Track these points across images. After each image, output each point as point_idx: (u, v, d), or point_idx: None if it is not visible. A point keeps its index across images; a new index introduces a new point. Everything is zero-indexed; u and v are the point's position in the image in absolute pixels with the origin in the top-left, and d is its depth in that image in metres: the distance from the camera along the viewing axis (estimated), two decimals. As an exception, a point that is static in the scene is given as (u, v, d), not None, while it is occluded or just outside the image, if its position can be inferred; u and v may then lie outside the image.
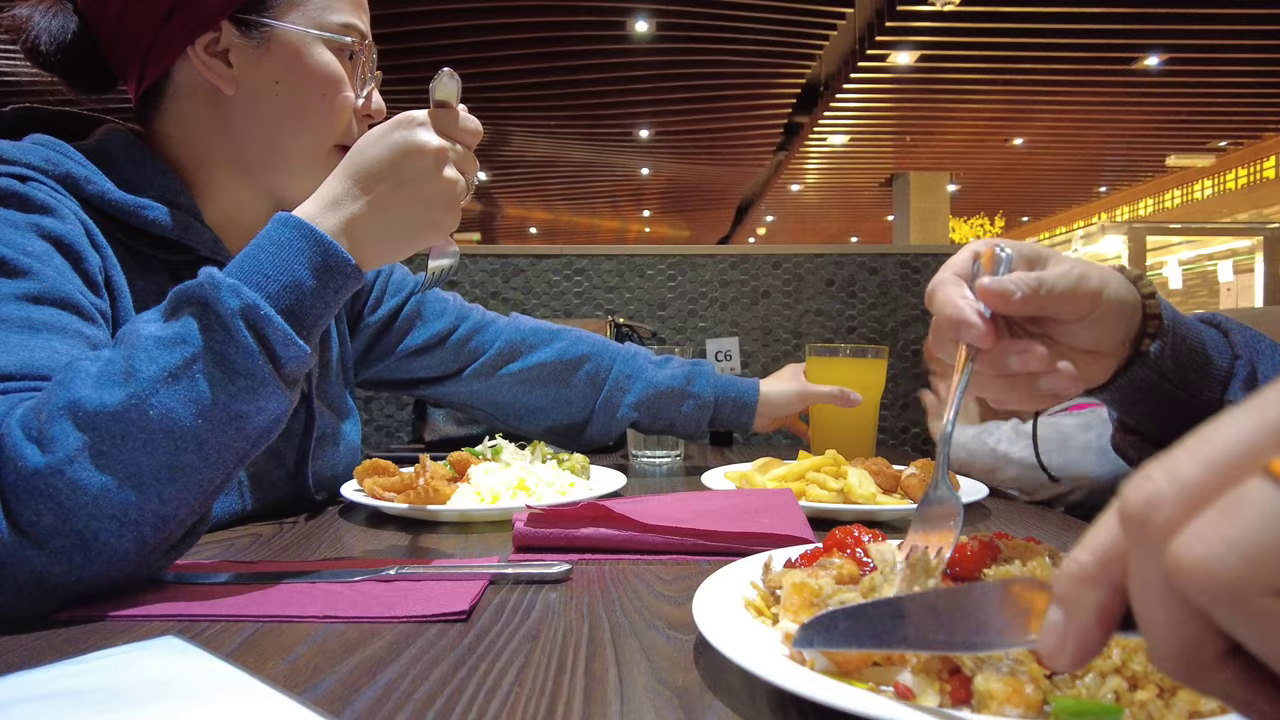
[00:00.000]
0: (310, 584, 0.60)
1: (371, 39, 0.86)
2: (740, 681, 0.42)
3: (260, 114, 0.81)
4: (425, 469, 0.96)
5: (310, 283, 0.60)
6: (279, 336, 0.57)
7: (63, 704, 0.36)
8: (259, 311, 0.56)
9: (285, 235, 0.60)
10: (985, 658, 0.37)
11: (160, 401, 0.54)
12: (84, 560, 0.53)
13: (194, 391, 0.55)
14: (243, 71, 0.79)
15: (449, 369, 1.15)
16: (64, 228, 0.69)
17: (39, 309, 0.64)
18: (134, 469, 0.53)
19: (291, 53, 0.79)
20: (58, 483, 0.52)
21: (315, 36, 0.79)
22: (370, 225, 0.63)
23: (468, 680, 0.43)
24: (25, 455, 0.52)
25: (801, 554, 0.56)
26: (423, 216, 0.64)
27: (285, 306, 0.59)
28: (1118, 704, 0.37)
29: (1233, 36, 6.46)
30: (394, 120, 0.65)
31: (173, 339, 0.55)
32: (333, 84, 0.81)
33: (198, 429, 0.55)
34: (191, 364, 0.55)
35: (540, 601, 0.57)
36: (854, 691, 0.37)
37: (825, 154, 9.92)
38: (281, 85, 0.80)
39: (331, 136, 0.83)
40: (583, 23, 6.40)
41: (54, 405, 0.53)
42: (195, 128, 0.83)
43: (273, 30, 0.78)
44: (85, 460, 0.52)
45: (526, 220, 14.19)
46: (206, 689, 0.38)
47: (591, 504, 0.73)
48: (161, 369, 0.54)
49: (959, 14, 6.14)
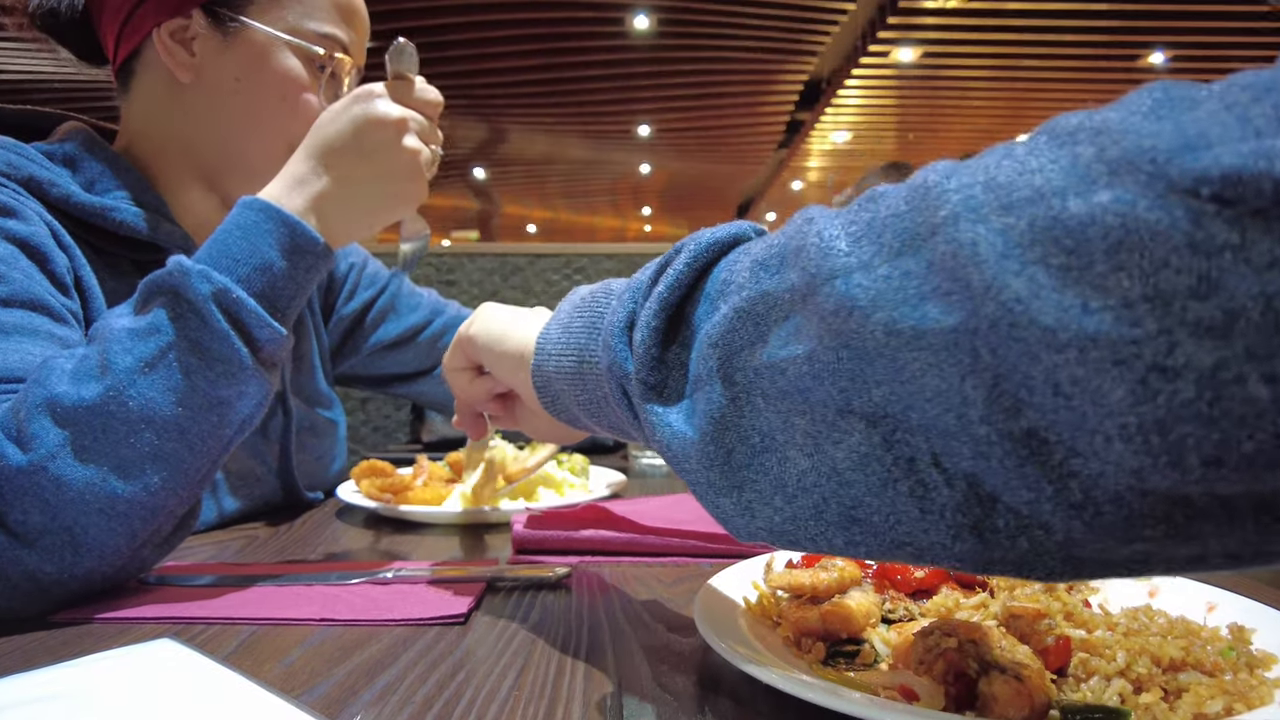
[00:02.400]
0: (307, 586, 0.60)
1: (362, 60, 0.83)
2: (742, 684, 0.42)
3: (216, 109, 0.80)
4: (423, 470, 0.96)
5: (281, 264, 0.60)
6: (253, 319, 0.57)
7: (57, 707, 0.36)
8: (231, 295, 0.56)
9: (251, 218, 0.60)
10: (990, 660, 0.37)
11: (139, 392, 0.54)
12: (75, 557, 0.53)
13: (172, 380, 0.55)
14: (204, 62, 0.78)
15: (423, 365, 1.14)
16: (28, 229, 0.68)
17: (8, 312, 0.63)
18: (117, 461, 0.53)
19: (257, 52, 0.78)
20: (41, 480, 0.52)
21: (286, 41, 0.78)
22: (335, 201, 0.64)
23: (466, 684, 0.42)
24: (6, 455, 0.52)
25: (803, 555, 0.55)
26: (388, 189, 0.66)
27: (257, 289, 0.59)
28: (1123, 706, 0.37)
29: (1238, 33, 6.44)
30: (352, 95, 0.65)
31: (146, 329, 0.55)
32: (294, 87, 0.79)
33: (179, 417, 0.55)
34: (167, 352, 0.55)
35: (539, 604, 0.57)
36: (856, 694, 0.36)
37: (827, 151, 9.91)
38: (241, 83, 0.79)
39: (290, 141, 0.80)
40: (582, 19, 6.38)
41: (31, 403, 0.53)
42: (155, 112, 0.82)
43: (243, 27, 0.77)
44: (67, 455, 0.52)
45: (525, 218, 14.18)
46: (202, 692, 0.38)
47: (591, 506, 0.73)
48: (137, 359, 0.54)
49: (962, 10, 6.12)
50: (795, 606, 0.47)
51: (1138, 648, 0.40)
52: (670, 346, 0.39)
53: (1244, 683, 0.38)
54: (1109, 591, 0.52)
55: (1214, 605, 0.48)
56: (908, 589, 0.49)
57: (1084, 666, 0.39)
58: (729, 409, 0.35)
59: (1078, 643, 0.41)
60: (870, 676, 0.41)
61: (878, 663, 0.43)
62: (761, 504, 0.34)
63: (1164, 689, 0.38)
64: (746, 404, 0.34)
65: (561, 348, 0.47)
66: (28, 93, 6.44)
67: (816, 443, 0.31)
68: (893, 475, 0.29)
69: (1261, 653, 0.41)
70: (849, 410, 0.30)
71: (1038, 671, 0.36)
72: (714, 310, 0.37)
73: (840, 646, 0.44)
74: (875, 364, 0.28)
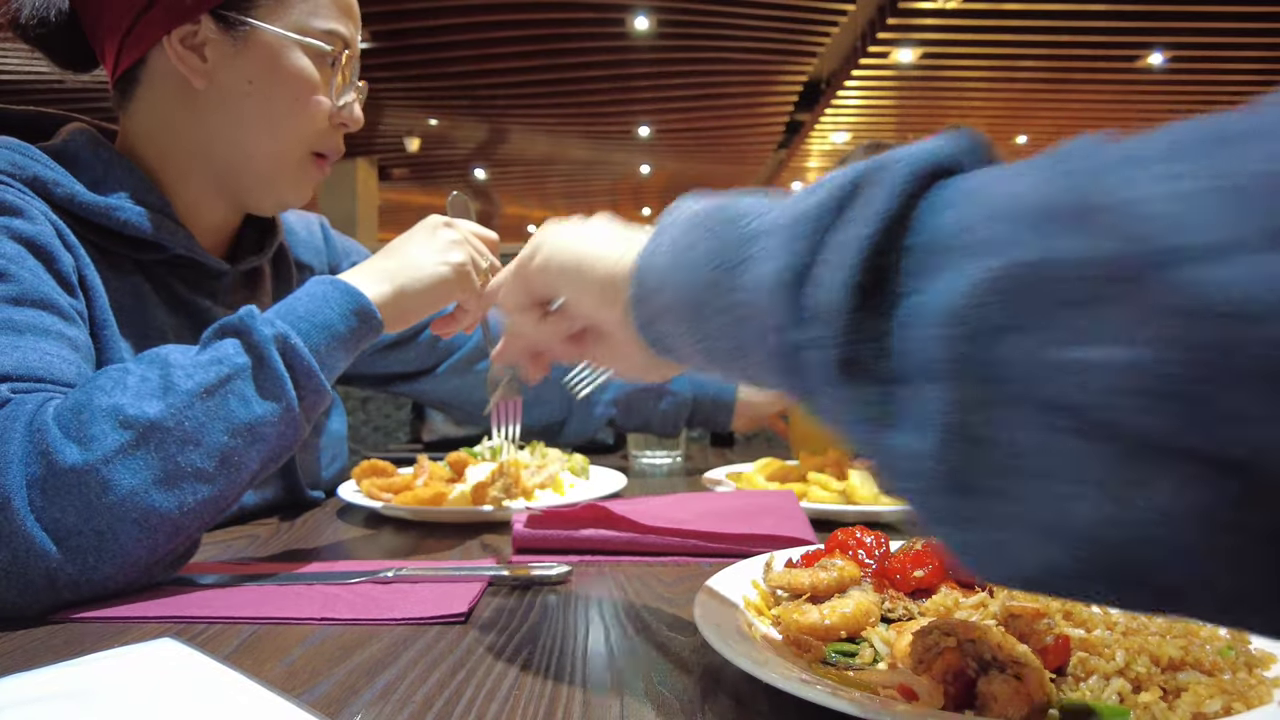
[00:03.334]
0: (308, 586, 0.60)
1: (358, 49, 0.84)
2: (742, 683, 0.42)
3: (230, 112, 0.80)
4: (423, 469, 0.96)
5: (340, 327, 0.66)
6: (304, 369, 0.63)
7: (59, 706, 0.36)
8: (290, 341, 0.62)
9: (319, 288, 0.68)
10: (990, 660, 0.37)
11: (194, 415, 0.57)
12: (97, 561, 0.54)
13: (225, 409, 0.59)
14: (217, 67, 0.78)
15: (424, 365, 1.15)
16: (35, 229, 0.69)
17: (20, 311, 0.64)
18: (163, 476, 0.56)
19: (269, 54, 0.78)
20: (90, 480, 0.53)
21: (295, 41, 0.79)
22: (395, 278, 0.72)
23: (466, 683, 0.42)
24: (63, 452, 0.53)
25: (803, 555, 0.55)
26: (440, 269, 0.73)
27: (314, 345, 0.64)
28: (1122, 705, 0.37)
29: (1237, 35, 6.44)
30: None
31: (210, 360, 0.60)
32: (306, 88, 0.80)
33: (224, 445, 0.58)
34: (226, 382, 0.59)
35: (540, 603, 0.57)
36: (855, 694, 0.36)
37: (827, 152, 9.90)
38: (255, 86, 0.79)
39: (302, 142, 0.82)
40: (582, 20, 6.38)
41: (96, 407, 0.55)
42: (165, 120, 0.82)
43: (252, 30, 0.78)
44: (121, 462, 0.54)
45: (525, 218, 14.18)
46: (204, 691, 0.38)
47: (591, 505, 0.73)
48: (198, 385, 0.58)
49: (961, 11, 6.12)
50: (795, 606, 0.47)
51: (1136, 647, 0.40)
52: (859, 312, 0.29)
53: (1242, 682, 0.38)
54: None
55: (1213, 605, 0.48)
56: (907, 588, 0.49)
57: (1083, 665, 0.39)
58: (977, 416, 0.25)
59: (1077, 642, 0.41)
60: (869, 676, 0.41)
61: (877, 662, 0.43)
62: (1020, 546, 0.25)
63: (1163, 688, 0.38)
64: (1009, 412, 0.24)
65: (674, 282, 0.38)
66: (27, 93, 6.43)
67: (1125, 484, 0.22)
68: (1238, 544, 0.21)
69: (1260, 652, 0.41)
70: (1191, 450, 0.21)
71: (1037, 670, 0.36)
72: (944, 269, 0.26)
73: (839, 646, 0.44)
74: (1257, 392, 0.20)
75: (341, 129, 0.85)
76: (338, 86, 0.82)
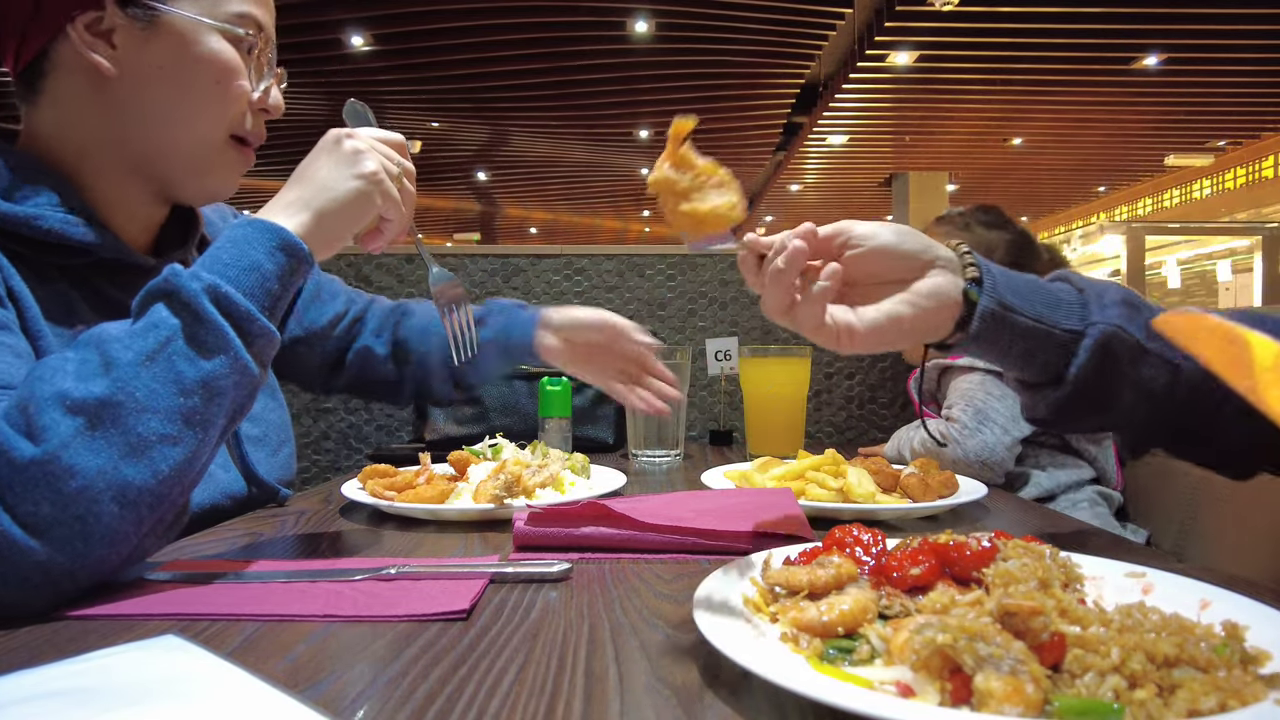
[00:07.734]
0: (311, 583, 0.60)
1: (273, 34, 0.83)
2: (740, 680, 0.42)
3: (145, 99, 0.78)
4: (426, 468, 0.96)
5: (268, 266, 0.65)
6: (243, 314, 0.61)
7: (63, 703, 0.36)
8: (220, 290, 0.60)
9: (240, 230, 0.66)
10: (986, 656, 0.37)
11: (142, 383, 0.57)
12: (86, 546, 0.54)
13: (172, 370, 0.58)
14: (126, 54, 0.76)
15: (341, 350, 1.13)
16: None
17: None
18: (126, 449, 0.55)
19: (180, 39, 0.76)
20: (54, 469, 0.53)
21: (208, 25, 0.77)
22: (312, 206, 0.70)
23: (468, 679, 0.43)
24: (18, 448, 0.53)
25: (801, 552, 0.56)
26: (356, 185, 0.71)
27: (246, 288, 0.63)
28: (1118, 703, 0.37)
29: (1232, 36, 6.45)
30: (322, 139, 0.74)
31: (144, 327, 0.59)
32: (226, 72, 0.78)
33: (182, 406, 0.58)
34: (165, 345, 0.58)
35: (540, 600, 0.57)
36: (854, 690, 0.37)
37: (824, 154, 9.91)
38: (167, 71, 0.77)
39: (223, 126, 0.81)
40: (582, 23, 6.38)
41: (39, 398, 0.54)
42: (77, 112, 0.79)
43: (160, 14, 0.76)
44: (79, 445, 0.54)
45: (526, 220, 14.18)
46: (207, 688, 0.38)
47: (591, 503, 0.73)
48: (138, 354, 0.57)
49: (958, 14, 6.12)
50: (793, 603, 0.47)
51: (1132, 644, 0.40)
52: None
53: (1238, 679, 0.38)
54: (1104, 588, 0.52)
55: (1208, 602, 0.48)
56: (904, 585, 0.49)
57: (1079, 663, 0.40)
58: None
59: (1072, 639, 0.41)
60: (867, 672, 0.41)
61: (874, 659, 0.44)
62: None
63: (1158, 685, 0.38)
64: None
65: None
66: None
67: None
68: None
69: (1255, 649, 0.42)
70: None
71: (1033, 667, 0.37)
72: None
73: (837, 643, 0.45)
74: None
75: (263, 115, 0.84)
76: (258, 72, 0.81)
